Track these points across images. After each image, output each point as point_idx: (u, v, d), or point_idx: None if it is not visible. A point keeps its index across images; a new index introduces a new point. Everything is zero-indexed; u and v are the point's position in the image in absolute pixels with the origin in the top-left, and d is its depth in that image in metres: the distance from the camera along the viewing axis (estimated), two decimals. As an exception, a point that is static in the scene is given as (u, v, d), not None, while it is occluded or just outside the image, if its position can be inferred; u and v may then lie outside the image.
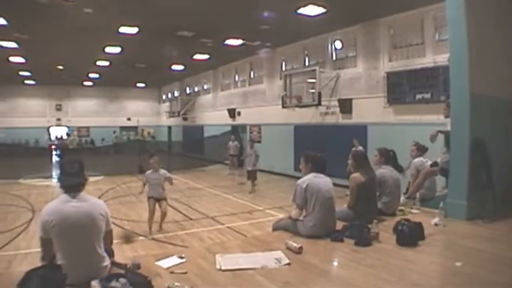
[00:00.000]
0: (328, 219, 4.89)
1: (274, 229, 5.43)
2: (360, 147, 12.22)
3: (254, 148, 14.87)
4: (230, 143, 19.45)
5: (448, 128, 6.17)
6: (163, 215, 8.97)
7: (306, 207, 4.88)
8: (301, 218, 4.93)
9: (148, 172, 9.15)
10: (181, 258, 4.00)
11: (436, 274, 3.80)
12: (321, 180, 4.94)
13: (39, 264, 3.45)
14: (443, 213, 5.43)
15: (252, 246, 4.56)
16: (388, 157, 6.21)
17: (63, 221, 3.18)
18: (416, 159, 7.34)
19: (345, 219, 5.26)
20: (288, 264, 3.89)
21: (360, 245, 4.46)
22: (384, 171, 5.96)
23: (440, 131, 6.47)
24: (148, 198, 8.96)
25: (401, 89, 12.31)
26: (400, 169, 6.26)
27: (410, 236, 4.50)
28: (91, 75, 27.60)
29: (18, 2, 11.29)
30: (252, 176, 14.63)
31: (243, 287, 3.44)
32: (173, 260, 3.95)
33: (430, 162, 6.91)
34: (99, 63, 21.92)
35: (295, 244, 4.29)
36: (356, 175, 5.51)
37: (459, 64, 5.95)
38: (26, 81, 30.63)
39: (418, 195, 6.91)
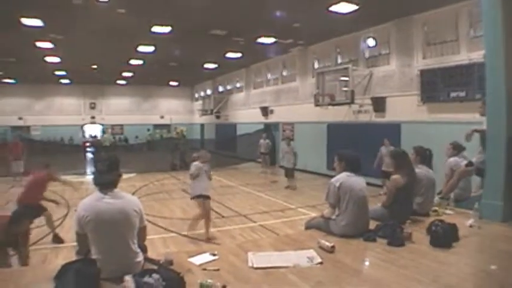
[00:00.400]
0: (361, 218, 4.87)
1: (307, 228, 5.43)
2: (391, 147, 12.11)
3: (291, 146, 14.87)
4: (261, 141, 19.51)
5: (484, 127, 6.04)
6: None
7: (339, 206, 4.87)
8: (333, 217, 4.93)
9: (196, 163, 8.37)
10: (214, 255, 4.04)
11: (469, 277, 3.73)
12: (354, 179, 4.92)
13: (75, 258, 3.58)
14: (478, 214, 5.33)
15: (284, 245, 4.57)
16: (425, 156, 6.11)
17: (97, 217, 3.27)
18: (451, 159, 7.20)
19: (379, 218, 5.22)
20: (320, 263, 3.89)
21: (393, 245, 4.42)
22: (419, 171, 5.84)
23: (476, 130, 6.33)
24: (197, 197, 8.33)
25: (436, 86, 12.07)
26: (432, 171, 6.09)
27: (444, 237, 4.43)
28: (124, 74, 28.10)
29: (54, 4, 11.62)
30: (290, 173, 14.70)
31: (274, 285, 3.44)
32: (206, 257, 3.99)
33: (465, 162, 6.78)
34: (132, 62, 22.29)
35: (327, 243, 4.29)
36: (396, 177, 5.39)
37: (495, 61, 5.80)
38: (61, 81, 31.52)
39: (452, 195, 6.80)
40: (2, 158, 16.67)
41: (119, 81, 33.16)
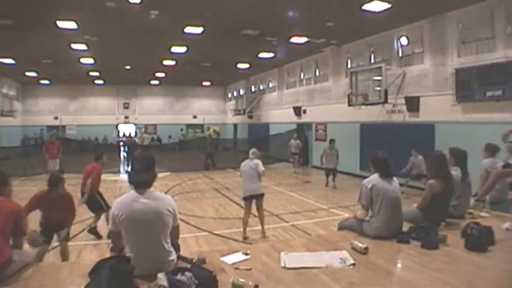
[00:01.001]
0: (394, 220, 4.84)
1: (340, 228, 5.43)
2: (420, 156, 11.95)
3: (335, 148, 15.00)
4: (292, 141, 19.57)
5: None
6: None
7: (372, 207, 4.86)
8: (366, 218, 4.92)
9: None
10: (246, 254, 4.08)
11: (506, 282, 3.64)
12: (387, 181, 4.90)
13: (109, 254, 3.69)
14: (515, 217, 5.22)
15: (317, 245, 4.58)
16: (460, 158, 6.00)
17: (131, 216, 3.35)
18: (486, 160, 7.06)
19: (413, 220, 5.15)
20: (353, 264, 3.88)
21: (427, 248, 4.37)
22: (454, 173, 5.72)
23: None
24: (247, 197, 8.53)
25: (471, 86, 11.79)
26: (467, 173, 5.94)
27: (479, 240, 4.35)
28: (157, 74, 28.56)
29: (88, 7, 11.98)
30: (332, 173, 14.88)
31: (307, 285, 3.45)
32: (238, 256, 4.03)
33: (501, 164, 6.63)
34: (165, 62, 22.64)
35: (360, 244, 4.28)
36: (433, 182, 5.25)
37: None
38: (96, 81, 32.30)
39: (488, 197, 6.65)
40: (40, 157, 17.18)
41: (152, 82, 33.68)
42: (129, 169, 3.71)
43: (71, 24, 13.61)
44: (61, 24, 13.50)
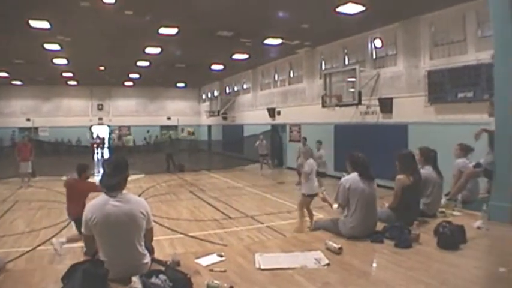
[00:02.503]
0: (370, 219, 4.88)
1: (315, 228, 5.44)
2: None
3: (307, 145, 14.37)
4: (258, 142, 19.63)
5: (493, 128, 6.00)
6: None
7: (348, 206, 4.89)
8: (342, 217, 4.96)
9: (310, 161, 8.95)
10: (221, 256, 4.05)
11: (478, 279, 3.70)
12: (364, 180, 4.93)
13: (82, 258, 3.60)
14: (486, 216, 5.30)
15: (292, 246, 4.58)
16: (430, 157, 6.08)
17: (104, 219, 3.29)
18: (459, 160, 7.17)
19: (386, 220, 5.21)
20: (328, 264, 3.89)
21: (400, 247, 4.41)
22: (425, 171, 5.83)
23: (485, 130, 6.28)
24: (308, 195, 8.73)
25: (443, 87, 12.03)
26: (439, 172, 6.05)
27: (451, 239, 4.40)
28: (132, 75, 28.22)
29: (62, 6, 11.74)
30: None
31: (281, 286, 3.45)
32: (212, 258, 4.00)
33: (473, 163, 6.74)
34: (139, 63, 22.39)
35: (334, 244, 4.29)
36: (401, 177, 5.39)
37: (504, 61, 5.76)
38: (69, 82, 31.69)
39: (460, 196, 6.76)
40: (12, 159, 16.77)
41: (126, 83, 33.28)
42: (102, 172, 3.64)
43: (44, 24, 13.28)
44: (33, 23, 13.16)
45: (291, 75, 22.10)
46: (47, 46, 16.95)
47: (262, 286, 3.45)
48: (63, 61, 20.89)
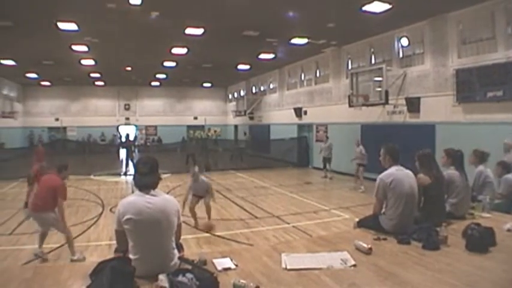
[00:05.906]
0: (409, 215, 4.93)
1: (359, 226, 5.40)
2: None
3: (360, 146, 15.10)
4: (322, 145, 19.41)
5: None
6: None
7: (387, 202, 4.94)
8: (382, 212, 5.03)
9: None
10: (236, 265, 3.82)
11: (507, 283, 3.62)
12: (404, 174, 5.01)
13: (113, 255, 3.69)
14: (516, 218, 5.21)
15: (318, 246, 4.55)
16: (456, 158, 6.02)
17: (137, 215, 3.34)
18: (480, 167, 7.05)
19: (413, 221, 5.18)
20: (354, 265, 3.87)
21: (428, 249, 4.35)
22: (451, 172, 5.78)
23: None
24: None
25: (471, 86, 11.80)
26: (464, 174, 5.92)
27: (480, 241, 4.32)
28: (158, 75, 28.59)
29: (89, 8, 12.02)
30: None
31: (308, 286, 3.44)
32: (227, 262, 3.85)
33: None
34: (166, 64, 22.69)
35: (364, 244, 4.27)
36: (421, 176, 5.36)
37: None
38: (96, 83, 32.36)
39: (488, 198, 6.65)
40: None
41: (152, 83, 33.73)
42: (134, 172, 3.71)
43: (72, 26, 13.63)
44: (61, 25, 13.53)
45: (317, 74, 22.02)
46: (74, 47, 17.37)
47: (288, 286, 3.44)
48: (91, 62, 21.37)
